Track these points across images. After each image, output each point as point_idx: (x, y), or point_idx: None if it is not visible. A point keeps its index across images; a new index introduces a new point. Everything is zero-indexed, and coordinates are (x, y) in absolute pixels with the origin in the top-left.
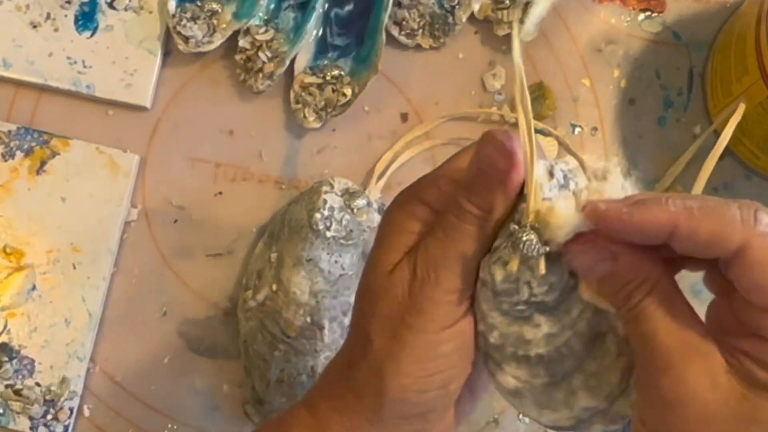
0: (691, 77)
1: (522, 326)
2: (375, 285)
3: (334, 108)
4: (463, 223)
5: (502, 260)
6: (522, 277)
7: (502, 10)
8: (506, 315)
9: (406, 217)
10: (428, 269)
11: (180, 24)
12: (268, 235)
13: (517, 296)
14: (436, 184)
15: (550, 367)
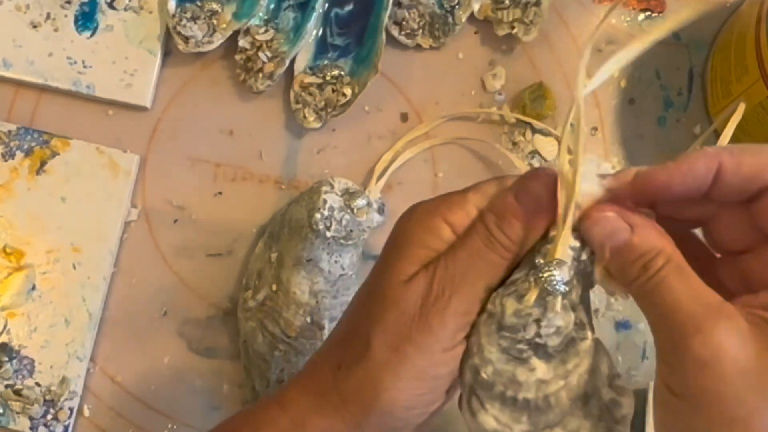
0: (691, 77)
1: (517, 367)
2: (389, 292)
3: (334, 108)
4: (490, 251)
5: (518, 293)
6: (533, 313)
7: (502, 10)
8: (504, 352)
9: (427, 232)
10: (445, 288)
11: (180, 24)
12: (268, 235)
13: (522, 333)
14: (463, 208)
15: (534, 415)
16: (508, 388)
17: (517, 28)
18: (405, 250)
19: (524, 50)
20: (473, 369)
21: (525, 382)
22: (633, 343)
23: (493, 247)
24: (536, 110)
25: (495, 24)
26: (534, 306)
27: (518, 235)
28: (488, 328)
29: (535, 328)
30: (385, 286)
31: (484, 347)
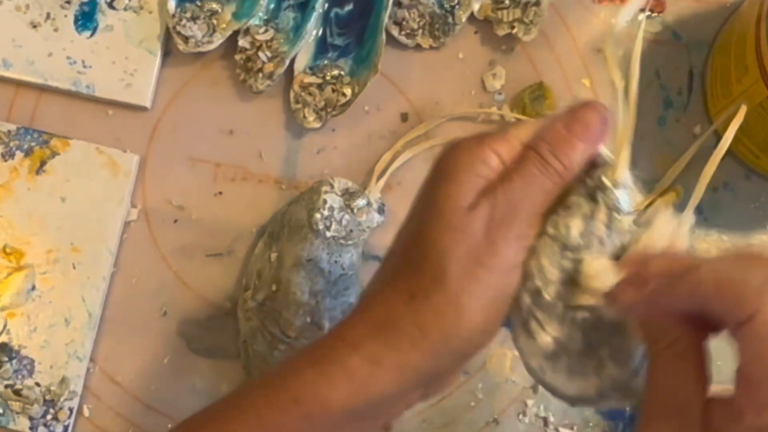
0: (691, 77)
1: (575, 286)
2: (454, 220)
3: (334, 108)
4: (544, 177)
5: (583, 213)
6: (597, 231)
7: (502, 10)
8: (566, 273)
9: (477, 160)
10: (505, 213)
11: (180, 24)
12: (268, 235)
13: (585, 251)
14: (506, 139)
15: (588, 333)
16: (568, 309)
17: (517, 28)
18: (460, 178)
19: (524, 50)
20: (534, 292)
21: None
22: None
23: (547, 173)
24: (536, 110)
25: (495, 24)
26: (602, 224)
27: (571, 162)
28: (550, 249)
29: (599, 246)
30: (448, 214)
31: (545, 269)
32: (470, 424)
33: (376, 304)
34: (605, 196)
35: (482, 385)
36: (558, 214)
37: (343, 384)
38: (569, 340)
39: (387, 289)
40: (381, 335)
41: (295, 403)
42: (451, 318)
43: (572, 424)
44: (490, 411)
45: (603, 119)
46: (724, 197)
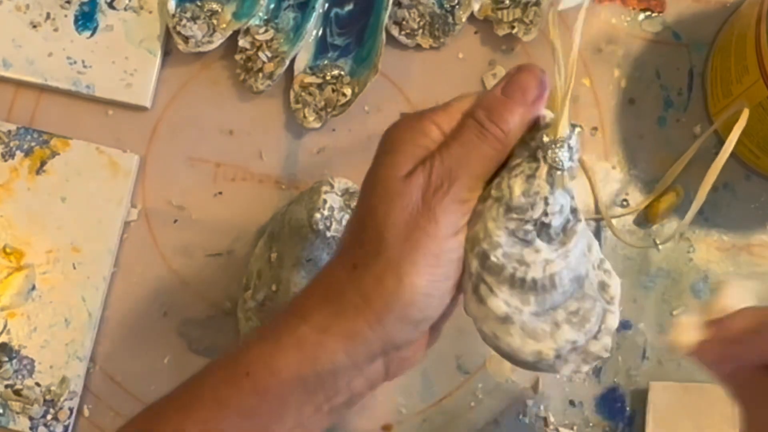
0: (691, 77)
1: (524, 248)
2: (390, 188)
3: (334, 108)
4: (482, 143)
5: (525, 173)
6: (541, 191)
7: (502, 10)
8: (512, 235)
9: (417, 132)
10: (443, 179)
11: (180, 24)
12: (268, 235)
13: (530, 212)
14: (448, 112)
15: (540, 295)
16: (518, 270)
17: (517, 28)
18: (399, 149)
19: (524, 50)
20: (481, 255)
21: (533, 263)
22: (633, 343)
23: (485, 138)
24: None
25: (495, 24)
26: (544, 182)
27: (509, 126)
28: (494, 212)
29: (543, 206)
30: (386, 183)
31: (491, 232)
32: (470, 424)
33: (323, 277)
34: (545, 154)
35: (482, 385)
36: (502, 176)
37: (293, 352)
38: (521, 303)
39: (334, 261)
40: (327, 305)
41: (248, 376)
42: (391, 284)
43: (572, 424)
44: (490, 411)
45: (540, 82)
46: (724, 197)
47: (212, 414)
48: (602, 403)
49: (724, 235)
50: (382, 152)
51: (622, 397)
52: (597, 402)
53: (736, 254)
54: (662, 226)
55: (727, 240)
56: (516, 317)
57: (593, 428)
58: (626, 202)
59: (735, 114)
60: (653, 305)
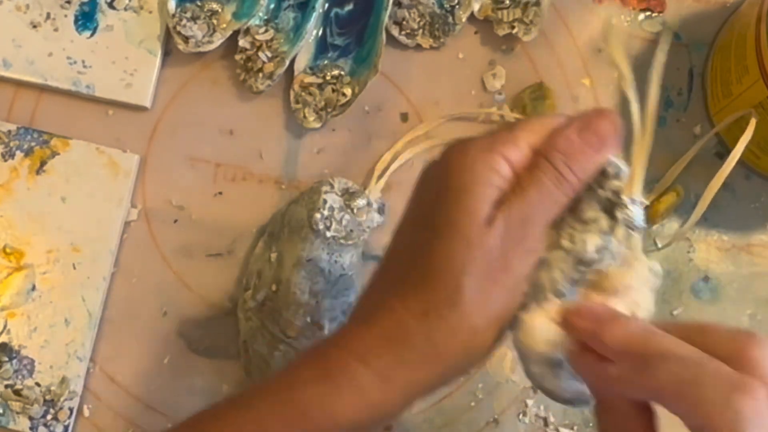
0: (691, 77)
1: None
2: (472, 235)
3: (334, 108)
4: (558, 189)
5: (600, 229)
6: (613, 248)
7: (502, 10)
8: (573, 283)
9: (488, 169)
10: (519, 227)
11: (180, 24)
12: (268, 235)
13: (597, 264)
14: (516, 144)
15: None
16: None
17: (517, 28)
18: (475, 189)
19: (524, 50)
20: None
21: None
22: None
23: (561, 186)
24: (536, 110)
25: (495, 24)
26: (619, 242)
27: (585, 174)
28: (563, 264)
29: (610, 260)
30: (465, 228)
31: (558, 281)
32: (470, 424)
33: (384, 317)
34: (623, 212)
35: (482, 385)
36: (574, 228)
37: (353, 399)
38: None
39: (395, 301)
40: (392, 351)
41: (303, 416)
42: (465, 338)
43: (572, 424)
44: (490, 411)
45: (616, 128)
46: (724, 197)
47: None
48: None
49: (724, 235)
50: (453, 188)
51: None
52: None
53: (736, 254)
54: (662, 226)
55: (727, 240)
56: (566, 362)
57: (593, 428)
58: None
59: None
60: None
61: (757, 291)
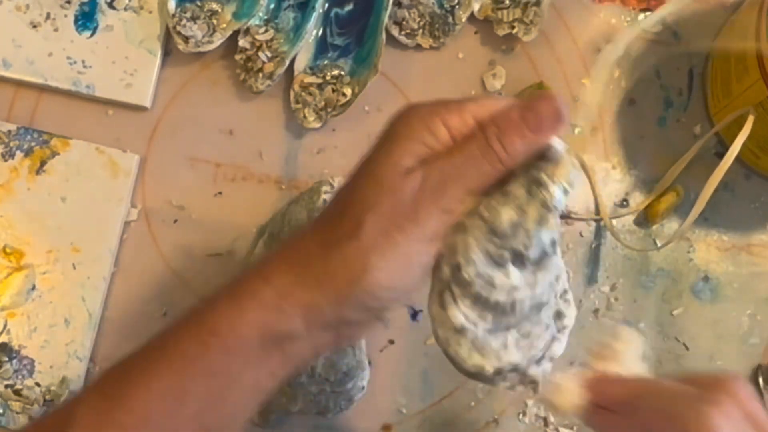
0: (691, 77)
1: (495, 271)
2: (386, 181)
3: (334, 108)
4: (484, 160)
5: (518, 205)
6: (526, 225)
7: (502, 10)
8: (488, 256)
9: (425, 129)
10: (437, 185)
11: (180, 24)
12: (268, 235)
13: (511, 241)
14: (461, 115)
15: (498, 317)
16: (484, 289)
17: (517, 28)
18: (404, 143)
19: (524, 50)
20: (455, 266)
21: (500, 286)
22: None
23: (488, 156)
24: None
25: (495, 24)
26: (532, 219)
27: (515, 151)
28: (478, 231)
29: (524, 239)
30: (382, 174)
31: (470, 248)
32: (470, 424)
33: (294, 245)
34: (541, 192)
35: (482, 385)
36: (496, 200)
37: (255, 315)
38: (479, 318)
39: (309, 233)
40: (293, 272)
41: (213, 335)
42: (356, 270)
43: (572, 424)
44: (490, 411)
45: (558, 115)
46: (724, 197)
47: (178, 373)
48: None
49: (724, 235)
50: (386, 139)
51: None
52: None
53: (736, 254)
54: (662, 226)
55: (727, 240)
56: (470, 331)
57: None
58: (626, 202)
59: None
60: (653, 305)
61: (757, 291)
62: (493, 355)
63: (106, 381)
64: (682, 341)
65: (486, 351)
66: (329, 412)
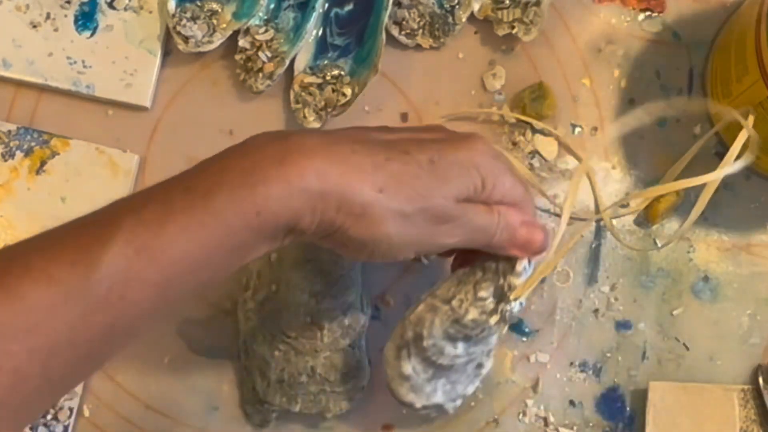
0: (691, 77)
1: (446, 345)
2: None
3: (334, 108)
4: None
5: (483, 309)
6: (484, 324)
7: (502, 10)
8: (445, 335)
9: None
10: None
11: (180, 24)
12: None
13: (469, 331)
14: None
15: (438, 372)
16: (434, 355)
17: (517, 28)
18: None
19: (524, 50)
20: (418, 335)
21: (447, 354)
22: (633, 343)
23: (490, 215)
24: (536, 110)
25: (495, 24)
26: (493, 325)
27: (497, 242)
28: (446, 317)
29: (479, 332)
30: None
31: (435, 327)
32: (470, 424)
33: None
34: (504, 307)
35: (482, 385)
36: (467, 298)
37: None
38: (422, 371)
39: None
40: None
41: (258, 215)
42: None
43: (572, 424)
44: (490, 411)
45: (541, 250)
46: (724, 197)
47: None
48: (602, 403)
49: (724, 235)
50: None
51: (622, 397)
52: (597, 402)
53: (736, 254)
54: (662, 226)
55: (727, 240)
56: (413, 379)
57: (593, 428)
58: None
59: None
60: (653, 305)
61: (757, 291)
62: (425, 396)
63: (148, 208)
64: (682, 341)
65: (420, 393)
66: (329, 412)
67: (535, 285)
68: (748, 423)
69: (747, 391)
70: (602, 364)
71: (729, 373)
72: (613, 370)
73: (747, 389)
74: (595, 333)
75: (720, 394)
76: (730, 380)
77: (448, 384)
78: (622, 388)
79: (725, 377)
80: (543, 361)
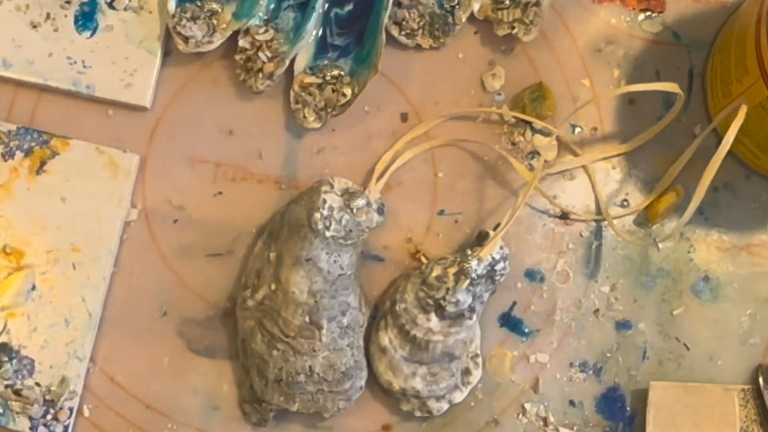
0: (691, 77)
1: (419, 313)
2: None
3: (334, 108)
4: None
5: (445, 266)
6: (448, 283)
7: (502, 10)
8: (417, 300)
9: None
10: None
11: (180, 24)
12: (267, 234)
13: (434, 292)
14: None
15: (414, 349)
16: (407, 324)
17: (517, 28)
18: None
19: (524, 50)
20: (392, 301)
21: (420, 326)
22: (633, 343)
23: None
24: (536, 110)
25: (495, 24)
26: (452, 278)
27: None
28: (416, 278)
29: (444, 293)
30: None
31: (407, 290)
32: (470, 424)
33: None
34: (464, 260)
35: (482, 385)
36: (433, 260)
37: None
38: (399, 347)
39: None
40: None
41: None
42: None
43: (572, 424)
44: (490, 411)
45: None
46: (724, 197)
47: None
48: (602, 403)
49: (724, 235)
50: None
51: (622, 397)
52: (597, 402)
53: (736, 254)
54: (662, 226)
55: (727, 240)
56: (390, 353)
57: (593, 428)
58: (626, 202)
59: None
60: (653, 305)
61: (757, 291)
62: (402, 377)
63: None
64: (683, 341)
65: (397, 372)
66: (327, 412)
67: (494, 244)
68: (749, 423)
69: (747, 391)
70: (602, 364)
71: (729, 373)
72: (614, 370)
73: (747, 389)
74: (595, 333)
75: (720, 394)
76: (730, 380)
77: (429, 375)
78: (623, 388)
79: (725, 377)
80: (543, 361)
